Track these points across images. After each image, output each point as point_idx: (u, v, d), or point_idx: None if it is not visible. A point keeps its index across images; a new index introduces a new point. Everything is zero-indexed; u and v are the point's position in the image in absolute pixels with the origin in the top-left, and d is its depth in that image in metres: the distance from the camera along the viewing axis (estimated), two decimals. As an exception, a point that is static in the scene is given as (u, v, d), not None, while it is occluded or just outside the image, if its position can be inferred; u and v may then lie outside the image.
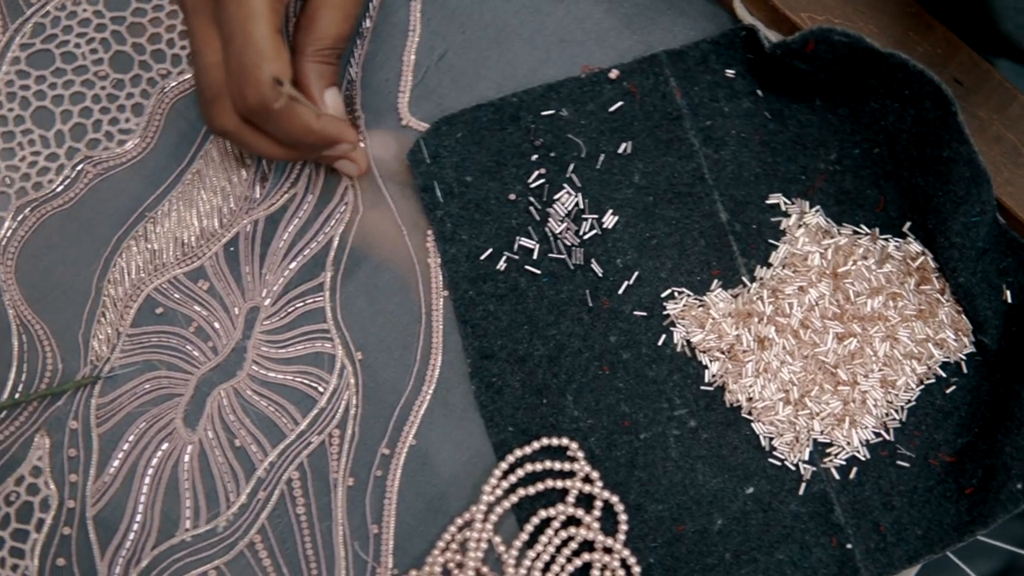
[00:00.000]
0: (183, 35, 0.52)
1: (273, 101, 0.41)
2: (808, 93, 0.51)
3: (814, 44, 0.47)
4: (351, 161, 0.48)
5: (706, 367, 0.50)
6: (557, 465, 0.49)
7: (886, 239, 0.50)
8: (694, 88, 0.52)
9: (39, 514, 0.48)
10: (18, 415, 0.49)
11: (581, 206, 0.51)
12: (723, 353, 0.50)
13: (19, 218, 0.51)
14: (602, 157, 0.51)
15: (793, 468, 0.49)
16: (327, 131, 0.44)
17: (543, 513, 0.49)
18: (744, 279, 0.50)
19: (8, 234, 0.50)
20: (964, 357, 0.50)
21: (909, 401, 0.50)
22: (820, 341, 0.49)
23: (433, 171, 0.51)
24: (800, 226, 0.51)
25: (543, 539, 0.48)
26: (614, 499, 0.48)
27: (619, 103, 0.51)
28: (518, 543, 0.48)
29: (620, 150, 0.51)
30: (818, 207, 0.51)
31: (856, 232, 0.51)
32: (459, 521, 0.48)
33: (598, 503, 0.49)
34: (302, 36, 0.45)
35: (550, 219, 0.50)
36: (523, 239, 0.50)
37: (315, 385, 0.49)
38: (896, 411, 0.50)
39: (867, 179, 0.51)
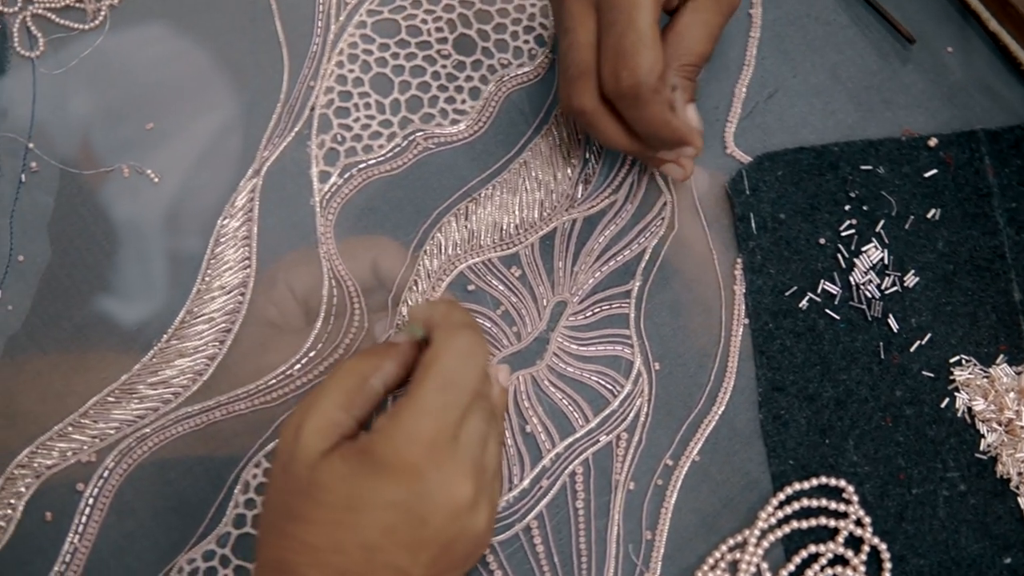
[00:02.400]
0: (528, 30, 0.55)
1: (648, 88, 0.43)
2: (1114, 192, 0.54)
3: None
4: (680, 165, 0.50)
5: (983, 436, 0.52)
6: (832, 505, 0.51)
7: None
8: (1005, 169, 0.54)
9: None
10: (319, 365, 0.50)
11: (886, 262, 0.53)
12: (1001, 425, 0.52)
13: (345, 176, 0.53)
14: (911, 219, 0.54)
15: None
16: (681, 130, 0.46)
17: (812, 548, 0.51)
18: (1028, 358, 0.53)
19: (332, 190, 0.52)
20: None
21: None
22: (1095, 430, 0.52)
23: (751, 203, 0.53)
24: (1086, 317, 0.53)
25: (809, 573, 0.50)
26: (882, 546, 0.51)
27: (934, 171, 0.54)
28: (785, 573, 0.50)
29: (929, 215, 0.54)
30: (1105, 301, 0.54)
31: None
32: (731, 541, 0.50)
33: (866, 547, 0.51)
34: (669, 50, 0.48)
35: (855, 269, 0.53)
36: (827, 283, 0.53)
37: (610, 387, 0.51)
38: None
39: None
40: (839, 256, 0.53)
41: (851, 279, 0.53)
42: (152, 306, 0.51)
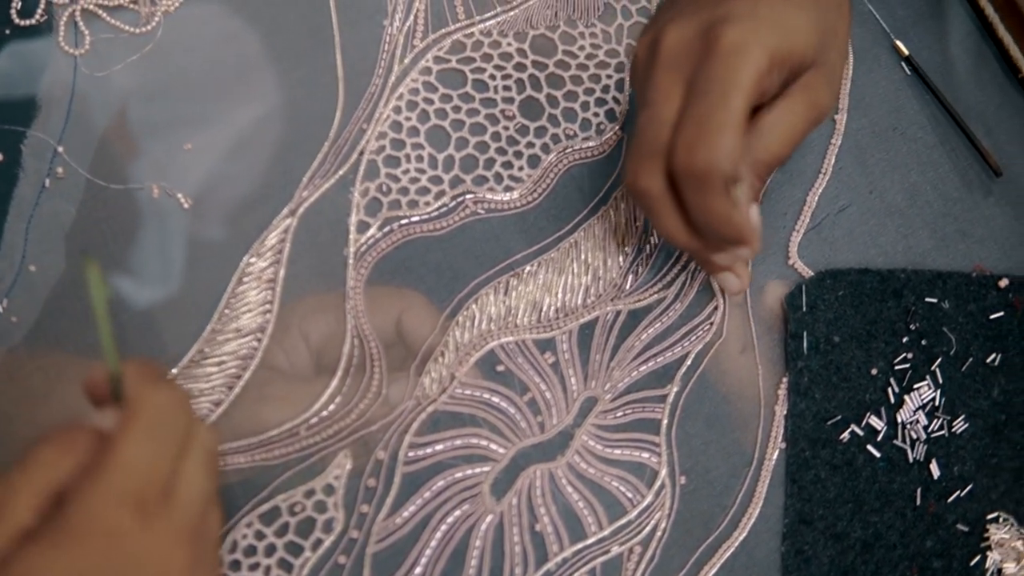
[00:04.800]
0: (600, 102, 0.52)
1: (719, 172, 0.41)
2: None
3: None
4: (736, 276, 0.47)
5: (1010, 601, 0.50)
6: (844, 653, 0.48)
7: None
8: (1075, 322, 0.52)
9: (319, 534, 0.48)
10: (328, 427, 0.48)
11: (937, 403, 0.51)
12: (1030, 593, 0.50)
13: (385, 229, 0.50)
14: (970, 360, 0.51)
15: None
16: (742, 229, 0.44)
17: None
18: (1069, 526, 0.50)
19: (370, 243, 0.50)
20: None
21: None
22: None
23: (807, 321, 0.50)
24: None
25: None
26: None
27: (1000, 313, 0.52)
28: None
29: (988, 359, 0.51)
30: None
31: None
32: None
33: None
34: (746, 142, 0.45)
35: (904, 406, 0.50)
36: (873, 417, 0.50)
37: (630, 495, 0.49)
38: None
39: None
40: (890, 390, 0.51)
41: (898, 416, 0.50)
42: (165, 338, 0.48)
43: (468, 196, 0.51)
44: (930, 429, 0.51)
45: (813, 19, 0.44)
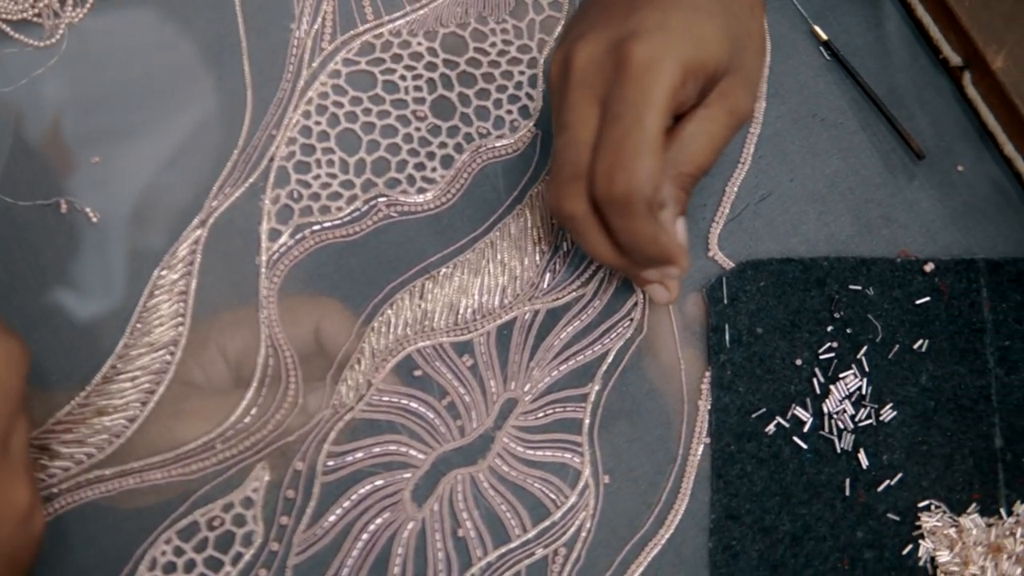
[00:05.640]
0: (512, 99, 0.51)
1: (640, 196, 0.40)
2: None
3: None
4: (665, 288, 0.47)
5: (944, 590, 0.49)
6: (775, 648, 0.48)
7: None
8: (1002, 304, 0.51)
9: (239, 547, 0.47)
10: (244, 439, 0.47)
11: (863, 392, 0.50)
12: (964, 581, 0.49)
13: (297, 236, 0.49)
14: (896, 348, 0.51)
15: None
16: (669, 249, 0.43)
17: None
18: (1002, 511, 0.50)
19: (282, 250, 0.49)
20: None
21: None
22: (1064, 597, 0.49)
23: (728, 313, 0.50)
24: (1070, 473, 0.50)
25: None
26: None
27: (926, 298, 0.51)
28: None
29: (915, 345, 0.51)
30: (1092, 460, 0.51)
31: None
32: (663, 678, 0.47)
33: None
34: (668, 156, 0.44)
35: (830, 396, 0.50)
36: (799, 408, 0.50)
37: (553, 496, 0.48)
38: None
39: None
40: (815, 380, 0.50)
41: (824, 407, 0.50)
42: (79, 355, 0.48)
43: (381, 199, 0.51)
44: (857, 418, 0.50)
45: (724, 25, 0.43)
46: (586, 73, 0.43)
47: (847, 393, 0.51)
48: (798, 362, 0.51)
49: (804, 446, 0.50)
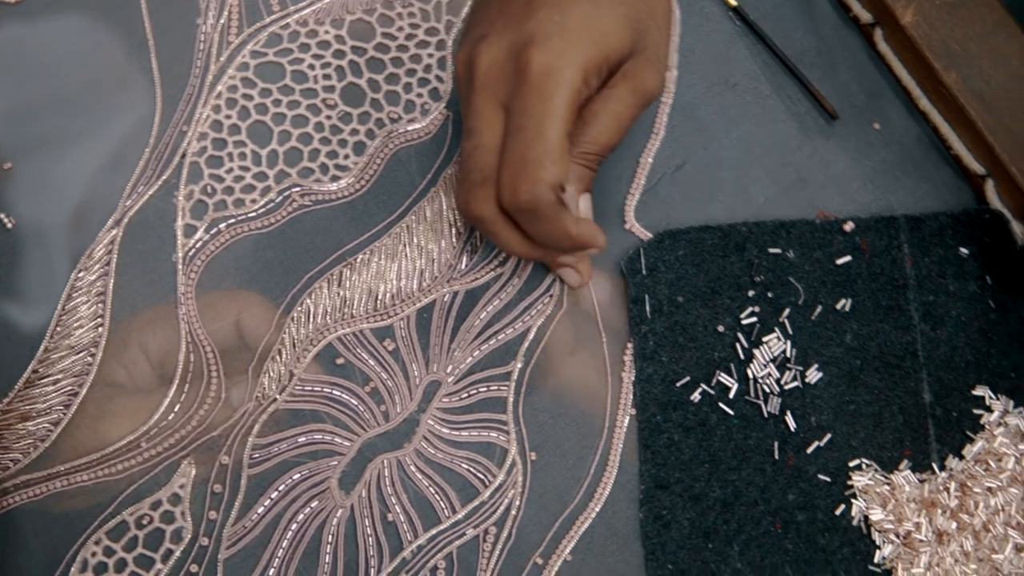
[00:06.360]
0: (422, 82, 0.51)
1: (547, 203, 0.40)
2: (1038, 292, 0.51)
3: (1075, 256, 0.47)
4: (577, 272, 0.47)
5: (878, 547, 0.49)
6: (710, 615, 0.48)
7: (1083, 458, 0.50)
8: (925, 259, 0.51)
9: (169, 544, 0.47)
10: (169, 436, 0.47)
11: (788, 355, 0.50)
12: (899, 537, 0.49)
13: (212, 231, 0.49)
14: (819, 309, 0.50)
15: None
16: (583, 237, 0.43)
17: (686, 662, 0.48)
18: (935, 466, 0.50)
19: (198, 246, 0.49)
20: None
21: (1069, 627, 0.49)
22: (999, 548, 0.49)
23: (647, 284, 0.50)
24: (1000, 424, 0.50)
25: None
26: (761, 664, 0.48)
27: (848, 257, 0.51)
28: None
29: (839, 306, 0.51)
30: (1022, 408, 0.50)
31: (1054, 443, 0.50)
32: (599, 651, 0.47)
33: (743, 664, 0.48)
34: (572, 135, 0.44)
35: (754, 361, 0.50)
36: (723, 375, 0.50)
37: (481, 476, 0.48)
38: (1054, 634, 0.49)
39: (1077, 392, 0.51)
40: (738, 346, 0.50)
41: (749, 372, 0.50)
42: (0, 362, 0.48)
43: (295, 189, 0.51)
44: (783, 382, 0.50)
45: (626, 13, 0.43)
46: (488, 78, 0.43)
47: (771, 357, 0.51)
48: (720, 329, 0.51)
49: (731, 412, 0.50)
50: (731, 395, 0.50)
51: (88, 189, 0.51)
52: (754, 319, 0.51)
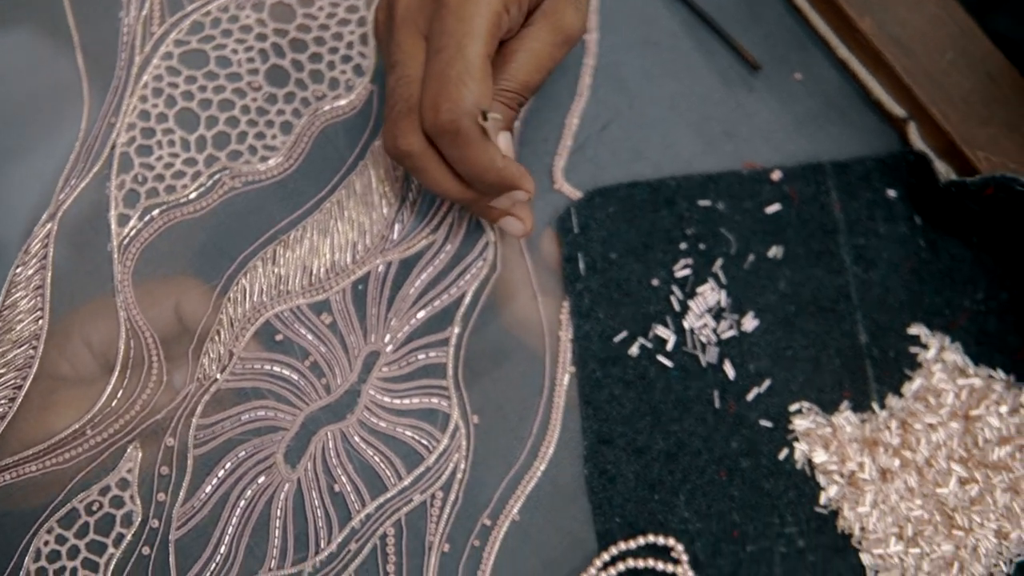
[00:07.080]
0: (345, 59, 0.52)
1: (468, 125, 0.41)
2: (966, 229, 0.51)
3: (993, 189, 0.47)
4: (518, 219, 0.47)
5: (823, 489, 0.50)
6: (660, 565, 0.49)
7: (1021, 388, 0.50)
8: (853, 203, 0.52)
9: (120, 529, 0.48)
10: (113, 423, 0.48)
11: (723, 304, 0.51)
12: (843, 477, 0.50)
13: (146, 218, 0.50)
14: (751, 258, 0.51)
15: (899, 608, 0.49)
16: (509, 172, 0.44)
17: (638, 612, 0.48)
18: (875, 406, 0.51)
19: (132, 234, 0.50)
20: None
21: (1019, 555, 0.50)
22: (943, 482, 0.50)
23: (579, 242, 0.50)
24: (937, 361, 0.51)
25: (634, 639, 0.48)
26: (713, 609, 0.48)
27: (776, 206, 0.52)
28: (608, 639, 0.48)
29: (770, 254, 0.51)
30: (958, 344, 0.51)
31: (992, 376, 0.51)
32: (552, 607, 0.48)
33: (695, 611, 0.48)
34: (494, 74, 0.45)
35: (689, 312, 0.50)
36: (660, 328, 0.50)
37: (425, 442, 0.49)
38: (1005, 563, 0.50)
39: (1011, 324, 0.51)
40: (673, 299, 0.51)
41: (685, 323, 0.50)
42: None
43: (225, 172, 0.51)
44: (719, 331, 0.51)
45: None
46: (409, 11, 0.44)
47: (707, 307, 0.51)
48: (655, 282, 0.51)
49: (669, 364, 0.51)
50: (669, 347, 0.51)
51: (20, 184, 0.51)
52: (688, 271, 0.51)
